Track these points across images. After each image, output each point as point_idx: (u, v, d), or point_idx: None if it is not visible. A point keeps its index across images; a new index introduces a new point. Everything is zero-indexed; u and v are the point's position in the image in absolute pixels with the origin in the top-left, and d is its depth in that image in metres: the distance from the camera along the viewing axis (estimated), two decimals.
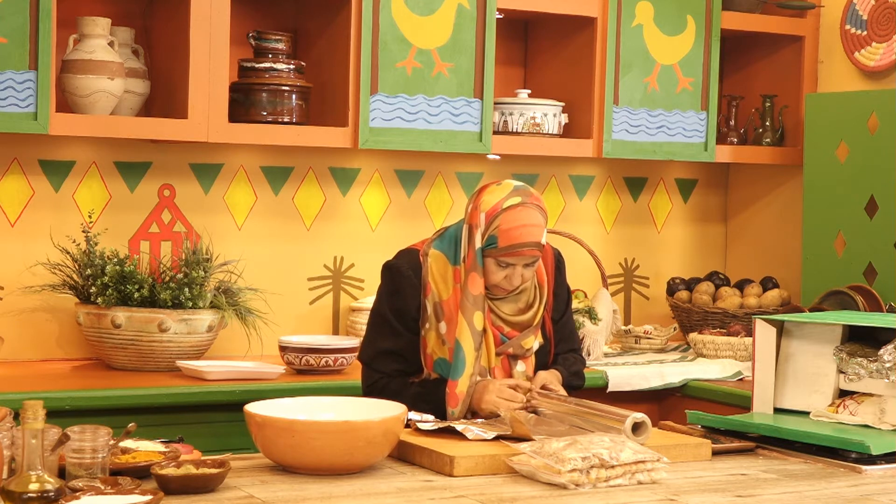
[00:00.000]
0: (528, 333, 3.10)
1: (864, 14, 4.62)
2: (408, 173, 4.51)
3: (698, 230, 5.10)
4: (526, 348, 3.10)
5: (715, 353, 4.37)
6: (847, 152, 4.50)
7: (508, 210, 3.01)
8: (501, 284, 3.05)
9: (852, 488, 2.58)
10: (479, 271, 3.03)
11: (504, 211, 3.01)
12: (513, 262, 3.01)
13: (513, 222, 3.00)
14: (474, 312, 3.03)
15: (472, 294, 3.03)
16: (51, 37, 3.61)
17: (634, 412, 2.77)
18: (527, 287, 3.11)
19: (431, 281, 3.09)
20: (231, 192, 4.24)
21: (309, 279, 4.37)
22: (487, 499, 2.39)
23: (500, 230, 3.00)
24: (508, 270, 3.03)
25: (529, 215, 3.01)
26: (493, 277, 3.04)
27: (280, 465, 2.56)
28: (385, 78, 4.07)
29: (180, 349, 3.79)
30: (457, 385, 3.02)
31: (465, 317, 3.03)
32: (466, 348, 3.02)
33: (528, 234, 3.00)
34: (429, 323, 3.09)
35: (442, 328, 3.07)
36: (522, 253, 3.00)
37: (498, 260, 3.01)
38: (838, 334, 3.16)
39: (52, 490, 2.12)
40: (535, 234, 3.01)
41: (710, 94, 4.63)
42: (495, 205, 3.02)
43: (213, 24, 3.85)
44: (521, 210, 3.01)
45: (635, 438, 2.72)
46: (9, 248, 3.94)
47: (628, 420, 2.74)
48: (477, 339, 3.03)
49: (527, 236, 3.00)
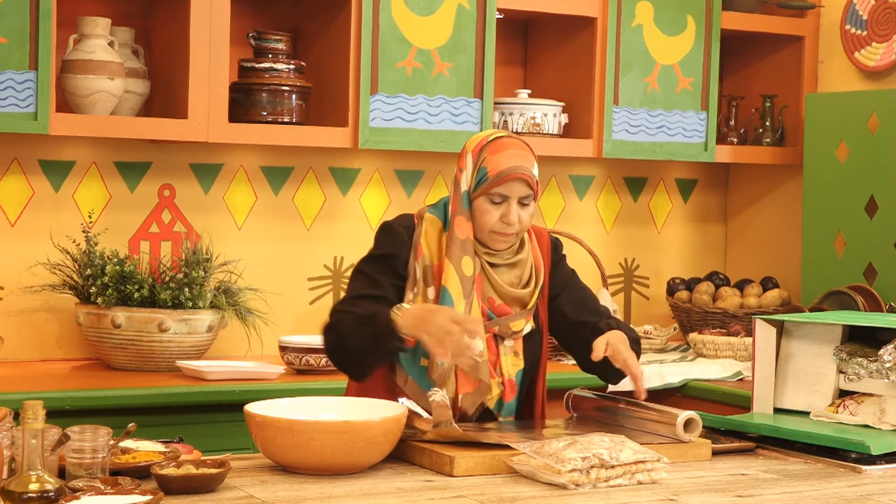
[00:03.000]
0: (519, 315, 2.94)
1: (864, 14, 4.62)
2: (408, 173, 4.51)
3: (698, 230, 5.10)
4: (513, 330, 2.94)
5: (715, 353, 4.37)
6: (847, 152, 4.50)
7: (494, 141, 2.95)
8: (498, 228, 2.90)
9: (852, 488, 2.58)
10: (466, 215, 2.92)
11: (490, 143, 2.94)
12: (506, 192, 2.89)
13: (500, 150, 2.92)
14: (462, 257, 2.89)
15: (459, 238, 2.90)
16: (51, 37, 3.61)
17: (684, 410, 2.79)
18: (524, 259, 2.98)
19: (424, 243, 2.94)
20: (231, 192, 4.25)
21: (309, 279, 4.37)
22: (487, 499, 2.39)
23: (487, 160, 2.91)
24: (504, 208, 2.89)
25: (515, 143, 2.95)
26: (489, 218, 2.89)
27: (280, 465, 2.56)
28: (385, 78, 4.07)
29: (180, 349, 3.79)
30: None
31: (452, 262, 2.88)
32: (454, 293, 2.86)
33: (517, 158, 2.91)
34: (417, 287, 2.91)
35: (430, 293, 2.91)
36: (514, 177, 2.89)
37: (490, 195, 2.90)
38: (838, 334, 3.16)
39: (52, 490, 2.13)
40: (523, 159, 2.92)
41: (710, 94, 4.63)
42: (479, 141, 2.96)
43: (213, 24, 3.85)
44: (506, 139, 2.96)
45: (685, 436, 2.75)
46: (9, 248, 3.94)
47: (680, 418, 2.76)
48: (466, 284, 2.87)
49: (516, 160, 2.91)
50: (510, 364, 2.95)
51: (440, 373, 2.86)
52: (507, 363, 2.95)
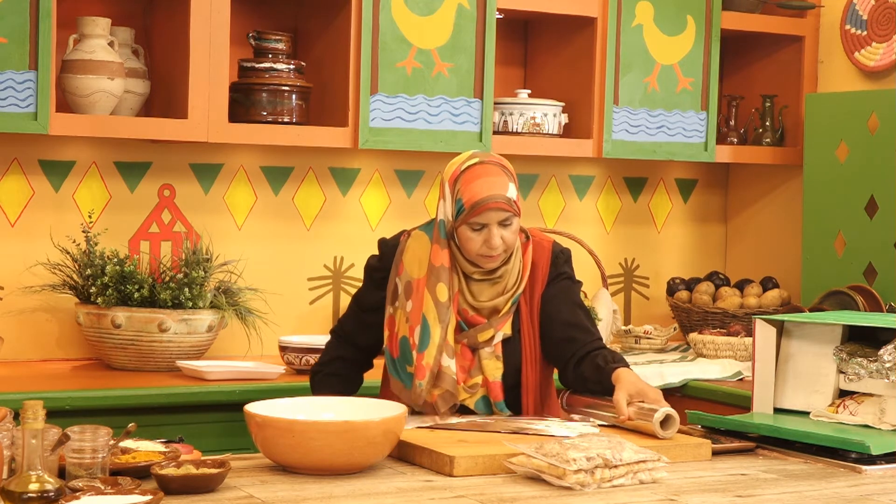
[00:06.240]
0: (487, 326, 3.04)
1: (864, 14, 4.62)
2: (408, 173, 4.51)
3: (698, 230, 5.10)
4: (481, 340, 3.05)
5: (715, 353, 4.37)
6: (847, 152, 4.50)
7: (467, 170, 3.02)
8: (483, 252, 3.00)
9: (852, 488, 2.58)
10: (442, 243, 3.03)
11: (463, 172, 3.02)
12: (483, 220, 2.97)
13: (473, 179, 2.99)
14: (437, 284, 3.01)
15: (434, 266, 3.03)
16: (51, 37, 3.61)
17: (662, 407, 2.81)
18: (509, 270, 3.06)
19: (405, 261, 3.08)
20: (231, 192, 4.25)
21: (309, 279, 4.37)
22: (487, 499, 2.39)
23: (461, 191, 2.99)
24: (484, 233, 2.98)
25: (488, 170, 3.01)
26: (472, 245, 3.00)
27: (280, 465, 2.56)
28: (385, 78, 4.07)
29: (180, 349, 3.79)
30: (423, 357, 3.00)
31: (428, 289, 3.02)
32: (430, 319, 3.00)
33: (491, 187, 2.98)
34: (398, 301, 3.08)
35: (408, 306, 3.05)
36: (489, 207, 2.96)
37: (470, 224, 2.98)
38: (838, 334, 3.16)
39: (52, 490, 2.12)
40: (497, 185, 2.98)
41: (710, 94, 4.63)
42: (454, 170, 3.04)
43: (213, 24, 3.85)
44: (479, 167, 3.02)
45: (663, 433, 2.77)
46: (9, 248, 3.94)
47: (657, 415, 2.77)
48: (442, 310, 3.01)
49: (489, 188, 2.97)
50: (493, 368, 3.06)
51: (417, 392, 3.02)
52: (490, 367, 3.05)
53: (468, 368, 3.04)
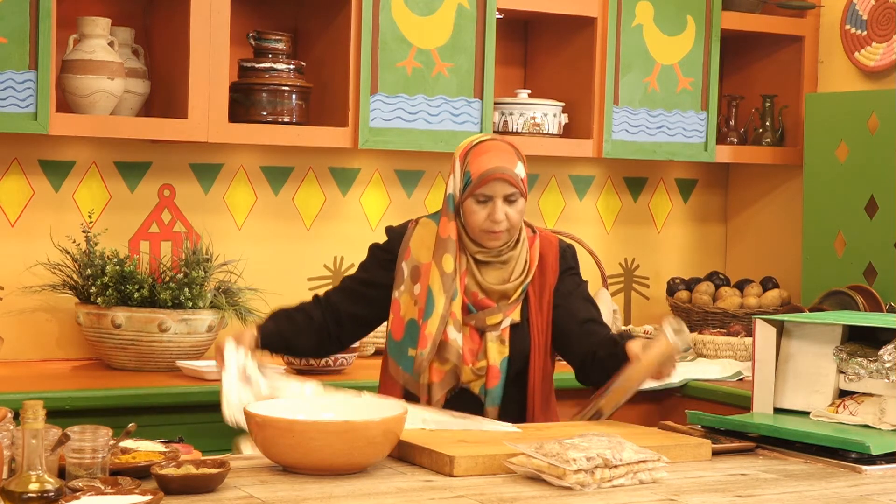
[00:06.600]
0: (496, 309, 3.06)
1: (864, 14, 4.62)
2: (408, 173, 4.51)
3: (698, 230, 5.10)
4: (489, 323, 3.06)
5: (715, 353, 4.37)
6: (847, 152, 4.50)
7: (478, 145, 3.08)
8: (487, 227, 3.03)
9: (852, 488, 2.58)
10: (450, 216, 3.07)
11: (474, 147, 3.08)
12: (489, 192, 3.02)
13: (482, 153, 3.05)
14: (443, 255, 3.05)
15: (442, 237, 3.07)
16: (51, 37, 3.61)
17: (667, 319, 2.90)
18: (515, 256, 3.09)
19: (412, 246, 3.12)
20: (231, 192, 4.25)
21: (309, 279, 4.37)
22: (487, 499, 2.39)
23: (470, 164, 3.05)
24: (489, 207, 3.02)
25: (497, 146, 3.08)
26: (477, 218, 3.03)
27: (280, 465, 2.56)
28: (385, 78, 4.07)
29: (180, 349, 3.79)
30: (426, 326, 3.02)
31: (435, 260, 3.05)
32: (435, 289, 3.03)
33: (498, 159, 3.03)
34: (403, 285, 3.10)
35: (416, 289, 3.08)
36: (495, 177, 3.01)
37: (476, 196, 3.03)
38: (838, 334, 3.16)
39: (52, 490, 2.12)
40: (504, 159, 3.04)
41: (710, 94, 4.63)
42: (465, 146, 3.11)
43: (213, 24, 3.85)
44: (490, 143, 3.09)
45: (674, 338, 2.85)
46: (9, 248, 3.94)
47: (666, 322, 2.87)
48: (447, 280, 3.03)
49: (496, 161, 3.03)
50: (495, 351, 3.06)
51: (418, 362, 3.03)
52: (493, 350, 3.06)
53: (476, 352, 3.06)
